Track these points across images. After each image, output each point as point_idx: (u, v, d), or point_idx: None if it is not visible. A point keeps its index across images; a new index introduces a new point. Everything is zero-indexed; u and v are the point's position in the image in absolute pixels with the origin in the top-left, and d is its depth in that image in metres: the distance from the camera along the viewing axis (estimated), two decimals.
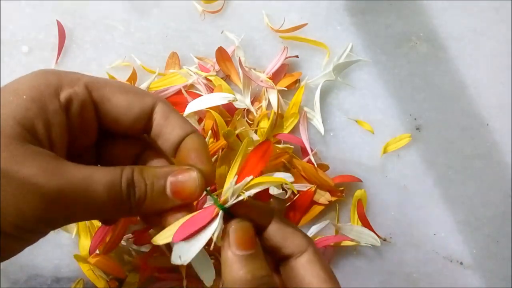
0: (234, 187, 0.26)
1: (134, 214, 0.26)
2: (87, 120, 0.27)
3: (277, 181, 0.27)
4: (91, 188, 0.24)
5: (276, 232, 0.28)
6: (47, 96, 0.25)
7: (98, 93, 0.27)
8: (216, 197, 0.27)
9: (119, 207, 0.25)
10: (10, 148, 0.23)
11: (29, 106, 0.24)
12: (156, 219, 0.28)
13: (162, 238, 0.27)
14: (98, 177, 0.24)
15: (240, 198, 0.26)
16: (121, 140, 0.30)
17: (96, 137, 0.29)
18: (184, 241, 0.26)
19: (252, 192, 0.26)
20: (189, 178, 0.26)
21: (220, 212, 0.26)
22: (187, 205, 0.27)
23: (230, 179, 0.27)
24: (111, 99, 0.27)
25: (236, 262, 0.25)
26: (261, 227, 0.28)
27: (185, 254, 0.26)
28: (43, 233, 0.25)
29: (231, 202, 0.26)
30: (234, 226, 0.26)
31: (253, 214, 0.28)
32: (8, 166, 0.22)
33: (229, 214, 0.27)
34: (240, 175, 0.27)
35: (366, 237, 0.41)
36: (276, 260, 0.29)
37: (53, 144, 0.25)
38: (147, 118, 0.28)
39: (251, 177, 0.27)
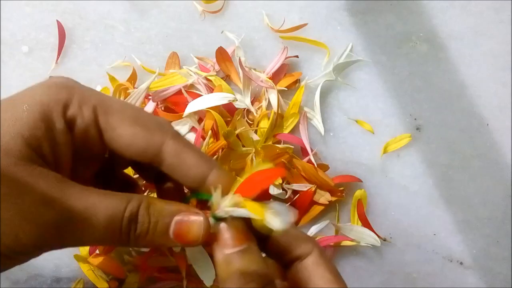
0: (226, 202, 0.26)
1: (132, 246, 0.26)
2: (91, 143, 0.26)
3: (259, 215, 0.25)
4: (90, 221, 0.23)
5: (281, 236, 0.27)
6: (55, 114, 0.24)
7: (105, 119, 0.26)
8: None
9: (117, 240, 0.25)
10: (15, 170, 0.22)
11: (38, 125, 0.24)
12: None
13: None
14: (99, 209, 0.23)
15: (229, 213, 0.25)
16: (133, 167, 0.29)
17: (101, 160, 0.28)
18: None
19: (235, 213, 0.25)
20: (195, 222, 0.25)
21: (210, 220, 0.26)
22: None
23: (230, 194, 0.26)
24: (116, 129, 0.26)
25: (228, 260, 0.25)
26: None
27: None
28: (37, 255, 0.24)
29: (221, 214, 0.26)
30: (224, 225, 0.26)
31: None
32: (8, 191, 0.22)
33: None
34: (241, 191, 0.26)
35: (366, 237, 0.41)
36: (282, 265, 0.29)
37: (59, 164, 0.25)
38: (153, 155, 0.26)
39: (238, 195, 0.26)
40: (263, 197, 0.40)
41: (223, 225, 0.26)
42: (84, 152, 0.26)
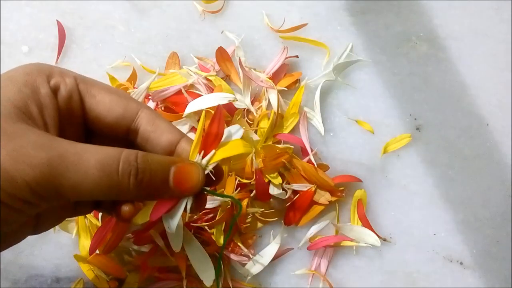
0: (201, 162, 0.28)
1: (131, 196, 0.26)
2: (73, 111, 0.28)
3: (237, 149, 0.29)
4: (82, 163, 0.24)
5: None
6: (39, 81, 0.26)
7: (85, 87, 0.28)
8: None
9: (113, 187, 0.25)
10: (4, 126, 0.23)
11: (22, 89, 0.25)
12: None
13: (141, 218, 0.29)
14: (91, 153, 0.24)
15: (206, 171, 0.28)
16: (107, 142, 0.30)
17: (82, 134, 0.29)
18: (166, 216, 0.28)
19: (214, 164, 0.28)
20: (192, 170, 0.27)
21: None
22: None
23: (195, 155, 0.28)
24: (96, 96, 0.28)
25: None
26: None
27: (170, 225, 0.28)
28: (37, 206, 0.24)
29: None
30: None
31: None
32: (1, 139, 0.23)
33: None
34: (204, 149, 0.29)
35: (366, 237, 0.41)
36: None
37: (47, 125, 0.26)
38: (130, 120, 0.29)
39: (213, 151, 0.28)
40: (263, 197, 0.40)
41: None
42: (69, 119, 0.28)
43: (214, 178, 0.29)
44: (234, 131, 0.30)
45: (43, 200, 0.24)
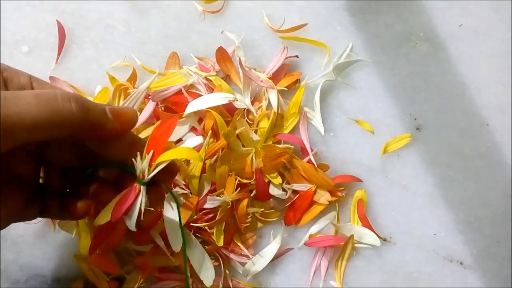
0: (144, 164, 0.29)
1: (77, 123, 0.26)
2: None
3: (183, 154, 0.30)
4: (20, 97, 0.24)
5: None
6: None
7: (39, 85, 0.30)
8: (135, 172, 0.30)
9: (56, 113, 0.25)
10: None
11: None
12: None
13: (102, 219, 0.30)
14: (29, 92, 0.25)
15: (153, 173, 0.29)
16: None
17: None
18: (126, 216, 0.30)
19: (162, 166, 0.29)
20: (126, 107, 0.31)
21: (142, 187, 0.29)
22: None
23: (144, 157, 0.29)
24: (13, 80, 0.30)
25: None
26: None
27: (130, 224, 0.30)
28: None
29: (148, 177, 0.29)
30: None
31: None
32: None
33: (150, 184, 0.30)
34: (152, 152, 0.30)
35: (366, 237, 0.41)
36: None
37: None
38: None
39: (151, 152, 0.29)
40: (263, 197, 0.40)
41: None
42: None
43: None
44: (188, 140, 0.33)
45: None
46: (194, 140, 0.33)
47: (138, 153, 0.29)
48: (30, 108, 0.24)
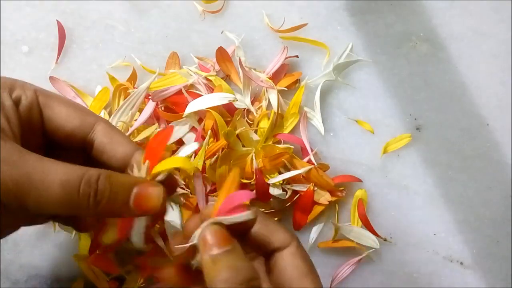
0: (142, 173, 0.29)
1: (90, 215, 0.27)
2: (33, 122, 0.29)
3: (177, 163, 0.29)
4: (47, 183, 0.25)
5: (261, 229, 0.29)
6: (4, 95, 0.28)
7: (45, 100, 0.30)
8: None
9: (76, 204, 0.26)
10: None
11: None
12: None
13: (108, 237, 0.30)
14: (56, 173, 0.25)
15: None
16: (65, 153, 0.31)
17: (43, 144, 0.30)
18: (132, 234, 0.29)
19: (161, 177, 0.28)
20: (154, 192, 0.28)
21: None
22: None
23: (143, 167, 0.29)
24: (54, 108, 0.30)
25: (215, 260, 0.26)
26: (247, 227, 0.29)
27: (137, 242, 0.29)
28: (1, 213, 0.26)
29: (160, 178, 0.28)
30: (205, 229, 0.27)
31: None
32: None
33: None
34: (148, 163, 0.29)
35: (365, 239, 0.41)
36: (263, 256, 0.30)
37: (16, 136, 0.27)
38: (86, 132, 0.30)
39: (147, 162, 0.29)
40: (263, 197, 0.40)
41: (204, 229, 0.27)
42: (29, 130, 0.29)
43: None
44: (183, 148, 0.33)
45: (9, 213, 0.26)
46: (188, 148, 0.32)
47: (135, 165, 0.29)
48: (52, 198, 0.25)
